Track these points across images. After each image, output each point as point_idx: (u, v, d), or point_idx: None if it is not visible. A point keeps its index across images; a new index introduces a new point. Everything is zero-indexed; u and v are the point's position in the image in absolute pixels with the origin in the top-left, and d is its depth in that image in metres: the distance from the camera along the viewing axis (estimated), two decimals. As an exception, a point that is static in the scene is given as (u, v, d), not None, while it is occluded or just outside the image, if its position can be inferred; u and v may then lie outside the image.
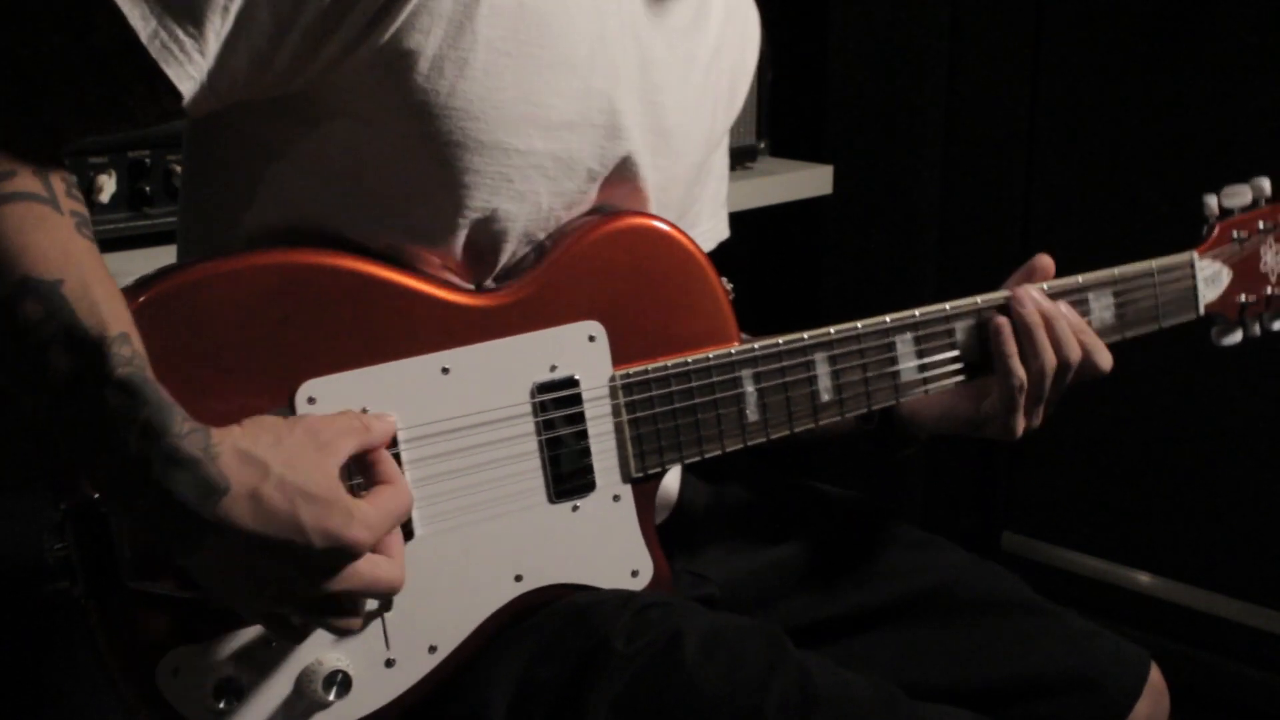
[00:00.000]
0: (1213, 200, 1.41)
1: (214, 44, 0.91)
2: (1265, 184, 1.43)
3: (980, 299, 1.23)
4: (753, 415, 1.15)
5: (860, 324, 1.18)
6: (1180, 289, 1.36)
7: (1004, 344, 1.20)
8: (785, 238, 2.54)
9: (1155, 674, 1.27)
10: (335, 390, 1.00)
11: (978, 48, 2.52)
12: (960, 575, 1.29)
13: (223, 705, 0.98)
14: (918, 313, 1.21)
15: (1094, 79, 2.41)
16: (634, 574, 1.13)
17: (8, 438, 1.02)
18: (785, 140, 2.44)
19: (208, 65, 0.91)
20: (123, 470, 0.87)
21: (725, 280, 1.16)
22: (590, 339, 1.09)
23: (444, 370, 1.04)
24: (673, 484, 1.30)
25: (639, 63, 1.10)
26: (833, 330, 1.17)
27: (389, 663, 1.04)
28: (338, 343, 1.00)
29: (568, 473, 1.09)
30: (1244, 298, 1.42)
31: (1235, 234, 1.40)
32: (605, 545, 1.11)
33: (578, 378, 1.09)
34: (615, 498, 1.11)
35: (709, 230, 1.32)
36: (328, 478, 0.91)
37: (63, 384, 0.86)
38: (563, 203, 1.09)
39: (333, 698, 1.01)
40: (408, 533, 1.02)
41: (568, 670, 1.05)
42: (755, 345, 1.14)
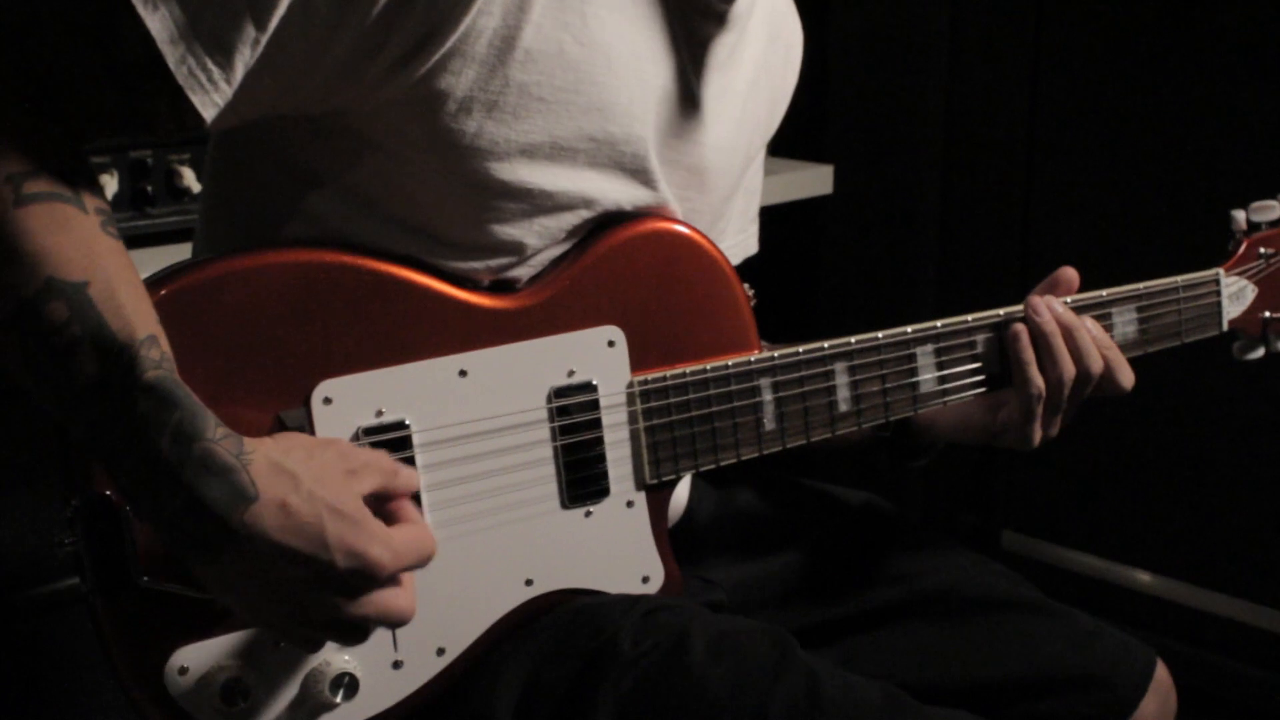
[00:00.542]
0: (1240, 215, 1.39)
1: (241, 73, 0.90)
2: None
3: (1003, 311, 1.22)
4: (770, 424, 1.14)
5: (881, 334, 1.17)
6: (1205, 305, 1.34)
7: (1022, 351, 1.19)
8: (785, 237, 2.51)
9: (1162, 671, 1.27)
10: (352, 390, 0.99)
11: (978, 47, 2.50)
12: (965, 575, 1.29)
13: (230, 705, 0.97)
14: (939, 324, 1.20)
15: (1094, 78, 2.39)
16: (645, 580, 1.13)
17: (9, 437, 1.01)
18: (785, 140, 2.40)
19: (233, 91, 0.90)
20: (151, 473, 0.86)
21: (748, 286, 1.15)
22: (610, 344, 1.08)
23: (461, 373, 1.03)
24: (682, 490, 1.29)
25: (677, 106, 1.09)
26: (853, 340, 1.16)
27: (396, 664, 1.03)
28: (355, 343, 0.99)
29: (582, 479, 1.08)
30: (1268, 314, 1.40)
31: (1262, 250, 1.38)
32: (617, 551, 1.11)
33: (595, 383, 1.08)
34: (629, 504, 1.10)
35: (735, 245, 1.30)
36: (355, 499, 0.90)
37: (90, 387, 0.85)
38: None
39: (340, 699, 1.00)
40: None
41: (574, 672, 1.04)
42: (775, 354, 1.13)
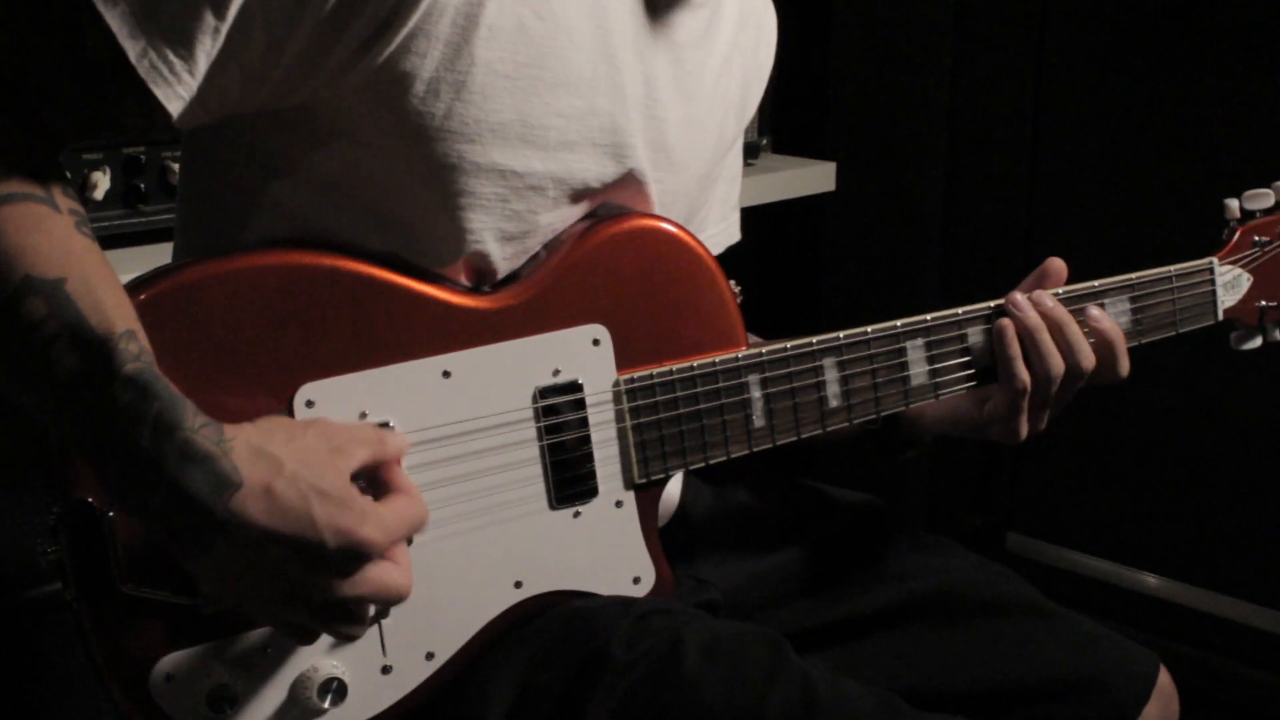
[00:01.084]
0: (1234, 204, 1.38)
1: (204, 64, 0.89)
2: None
3: (993, 304, 1.21)
4: (759, 421, 1.13)
5: (870, 329, 1.16)
6: (1199, 295, 1.33)
7: (1006, 347, 1.18)
8: (787, 235, 2.52)
9: (1164, 676, 1.25)
10: (334, 393, 0.99)
11: (981, 43, 2.49)
12: (966, 578, 1.28)
13: (217, 712, 0.97)
14: (929, 317, 1.18)
15: (1098, 75, 2.39)
16: (636, 581, 1.12)
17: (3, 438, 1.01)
18: (788, 137, 2.42)
19: (197, 84, 0.90)
20: (134, 467, 0.86)
21: (733, 283, 1.14)
22: (594, 343, 1.07)
23: (445, 374, 1.02)
24: (674, 488, 1.28)
25: (643, 80, 1.08)
26: (842, 335, 1.15)
27: (385, 669, 1.03)
28: (337, 345, 0.99)
29: (569, 479, 1.07)
30: (1264, 303, 1.39)
31: (1256, 238, 1.37)
32: (607, 552, 1.10)
33: (581, 382, 1.07)
34: (618, 504, 1.10)
35: (717, 234, 1.29)
36: (341, 478, 0.89)
37: (69, 382, 0.85)
38: (561, 220, 1.07)
39: (328, 705, 1.00)
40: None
41: (567, 677, 1.04)
42: (763, 350, 1.12)
